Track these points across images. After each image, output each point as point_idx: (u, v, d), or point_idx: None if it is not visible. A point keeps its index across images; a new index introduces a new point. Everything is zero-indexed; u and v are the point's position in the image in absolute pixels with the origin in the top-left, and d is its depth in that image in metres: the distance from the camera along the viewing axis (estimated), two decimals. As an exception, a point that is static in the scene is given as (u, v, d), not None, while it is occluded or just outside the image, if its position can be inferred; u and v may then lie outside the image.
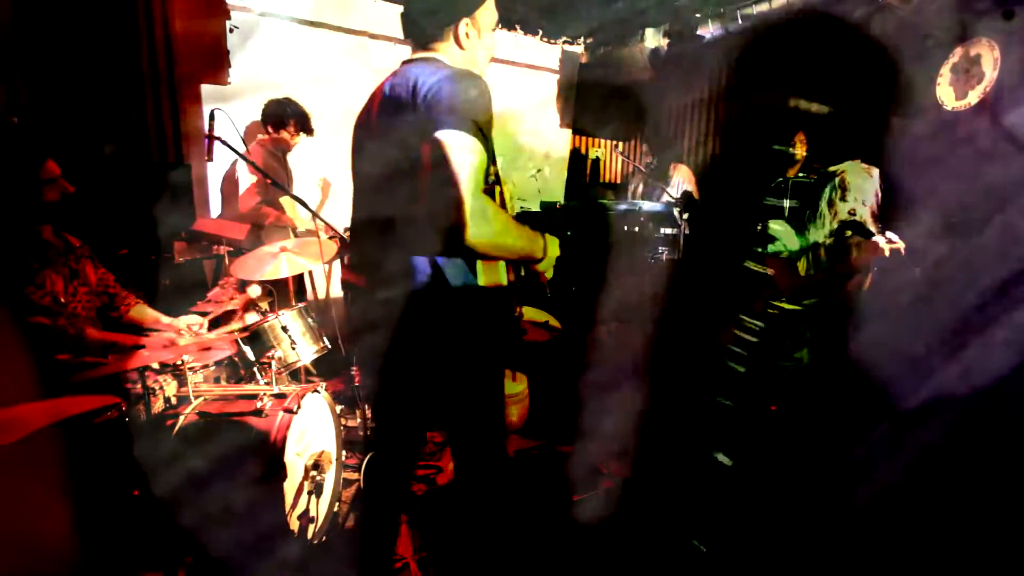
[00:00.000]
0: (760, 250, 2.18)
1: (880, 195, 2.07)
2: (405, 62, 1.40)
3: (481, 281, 1.34)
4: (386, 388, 1.48)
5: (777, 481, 2.22)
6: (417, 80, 1.26)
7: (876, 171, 2.07)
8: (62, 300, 1.90)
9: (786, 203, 3.35)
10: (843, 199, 2.05)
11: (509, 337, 1.48)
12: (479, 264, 1.33)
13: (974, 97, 3.19)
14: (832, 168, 2.12)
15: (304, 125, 3.25)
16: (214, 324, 2.37)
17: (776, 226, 2.16)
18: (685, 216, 3.75)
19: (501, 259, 1.36)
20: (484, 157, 1.20)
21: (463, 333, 1.32)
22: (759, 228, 2.20)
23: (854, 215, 2.04)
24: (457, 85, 1.22)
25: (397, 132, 1.27)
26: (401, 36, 1.45)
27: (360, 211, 1.43)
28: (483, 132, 1.21)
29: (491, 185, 1.44)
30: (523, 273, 1.50)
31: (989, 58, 3.10)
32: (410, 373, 1.39)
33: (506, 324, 1.44)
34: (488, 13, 1.41)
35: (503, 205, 1.44)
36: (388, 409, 1.51)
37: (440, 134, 1.17)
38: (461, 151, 1.16)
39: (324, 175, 3.68)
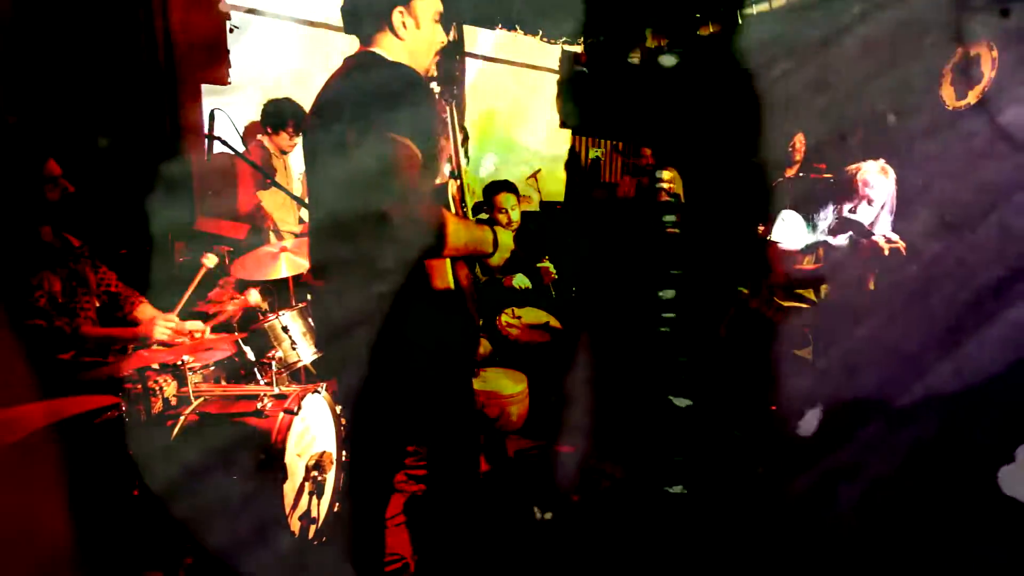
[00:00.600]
0: (768, 238, 2.19)
1: (895, 200, 2.07)
2: (346, 59, 1.38)
3: (434, 284, 1.32)
4: (346, 395, 1.48)
5: (775, 480, 2.22)
6: (349, 78, 1.27)
7: (892, 172, 2.07)
8: (60, 301, 1.89)
9: (786, 202, 3.36)
10: (850, 197, 2.06)
11: (464, 342, 1.44)
12: (428, 265, 1.31)
13: (973, 97, 3.19)
14: (851, 167, 2.11)
15: (303, 125, 3.24)
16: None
17: (788, 218, 2.16)
18: (671, 218, 3.76)
19: (444, 257, 1.32)
20: (411, 152, 1.17)
21: (411, 338, 1.31)
22: (767, 220, 2.21)
23: (854, 212, 2.04)
24: (384, 82, 1.21)
25: (333, 133, 1.26)
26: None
27: (311, 212, 1.43)
28: (415, 127, 1.19)
29: (443, 184, 1.44)
30: (481, 276, 1.49)
31: (987, 58, 3.10)
32: (370, 379, 1.37)
33: (460, 329, 1.41)
34: (426, 2, 1.37)
35: (459, 199, 1.44)
36: (355, 416, 1.50)
37: (367, 134, 1.16)
38: (390, 150, 1.15)
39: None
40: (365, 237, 1.21)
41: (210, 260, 2.27)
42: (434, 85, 1.62)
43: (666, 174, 4.63)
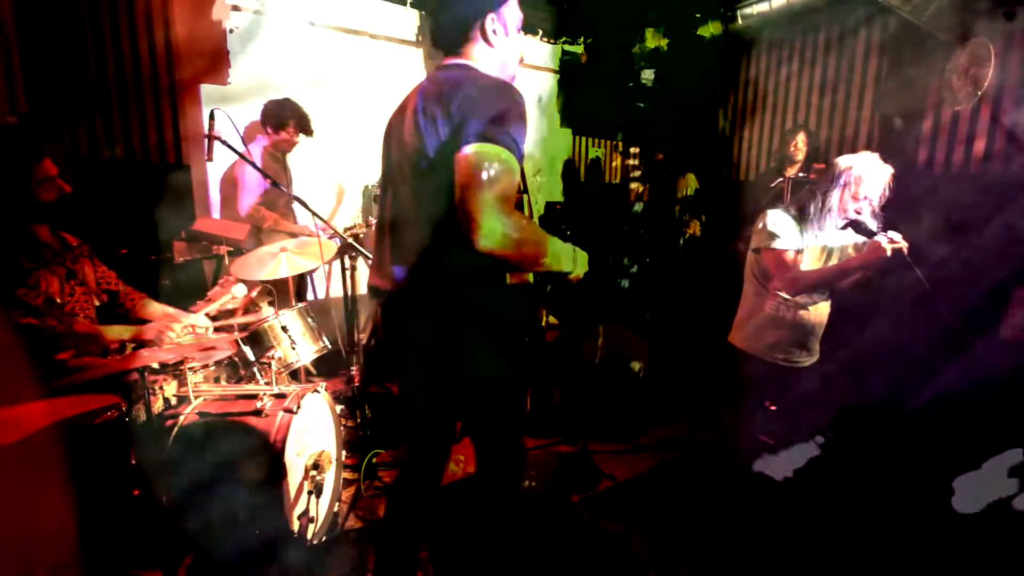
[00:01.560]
0: (759, 246, 2.15)
1: (887, 192, 2.04)
2: (437, 68, 1.40)
3: (509, 279, 1.35)
4: (416, 389, 1.48)
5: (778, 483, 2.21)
6: (448, 89, 1.25)
7: (889, 168, 2.03)
8: (58, 300, 1.89)
9: (786, 202, 3.35)
10: (855, 196, 2.02)
11: (532, 336, 1.49)
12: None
13: (974, 97, 3.19)
14: (845, 161, 2.06)
15: (304, 126, 3.24)
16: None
17: (778, 220, 2.12)
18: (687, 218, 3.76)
19: (528, 271, 1.37)
20: (514, 169, 1.19)
21: (491, 331, 1.34)
22: (760, 225, 2.17)
23: (860, 213, 2.02)
24: (490, 96, 1.21)
25: (429, 141, 1.27)
26: (402, 36, 1.44)
27: (389, 216, 1.43)
28: (516, 142, 1.20)
29: (520, 195, 1.45)
30: (548, 287, 1.51)
31: (990, 59, 3.10)
32: (440, 374, 1.40)
33: (529, 323, 1.45)
34: (513, 9, 1.39)
35: (531, 214, 1.45)
36: (420, 409, 1.51)
37: (475, 146, 1.16)
38: (490, 163, 1.15)
39: (340, 181, 3.68)
40: (454, 245, 1.20)
41: (239, 290, 2.29)
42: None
43: (686, 178, 4.64)
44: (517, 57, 1.44)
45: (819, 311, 2.17)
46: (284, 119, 3.17)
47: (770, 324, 2.18)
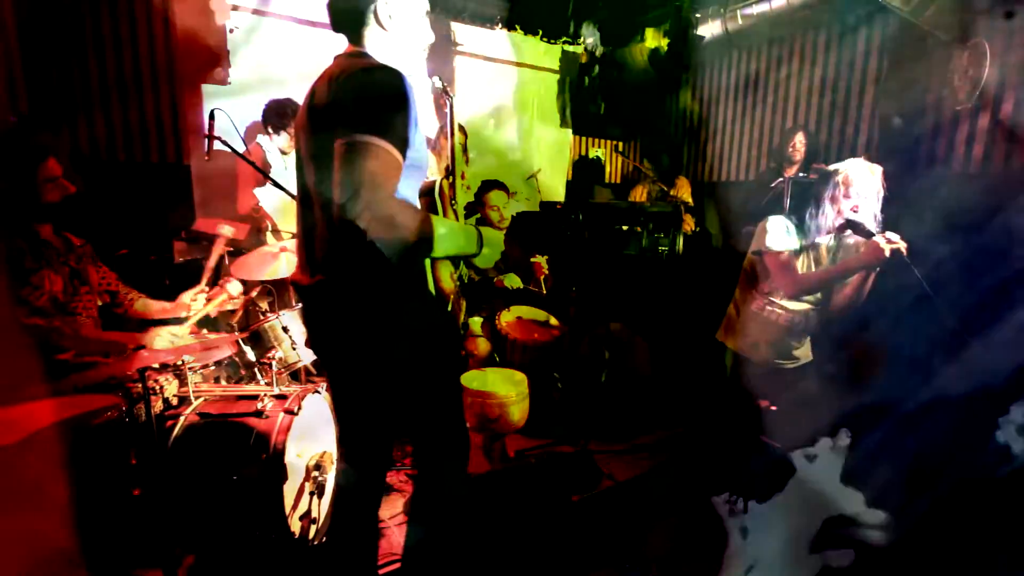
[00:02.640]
0: (760, 249, 2.16)
1: (882, 194, 2.05)
2: (336, 57, 1.38)
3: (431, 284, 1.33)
4: (335, 389, 1.48)
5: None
6: (333, 77, 1.25)
7: (879, 169, 2.05)
8: (62, 300, 1.89)
9: (786, 202, 3.35)
10: (846, 196, 2.04)
11: (446, 343, 1.44)
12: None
13: (974, 97, 3.19)
14: (834, 166, 2.10)
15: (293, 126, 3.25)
16: (214, 325, 2.37)
17: (776, 223, 2.14)
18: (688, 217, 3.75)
19: (419, 255, 1.30)
20: (392, 158, 1.17)
21: (389, 322, 1.30)
22: (762, 228, 2.18)
23: (857, 212, 2.03)
24: (363, 83, 1.20)
25: (317, 132, 1.26)
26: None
27: (300, 211, 1.42)
28: (395, 129, 1.18)
29: (431, 182, 1.44)
30: (464, 277, 1.47)
31: (989, 58, 3.10)
32: (357, 378, 1.38)
33: (442, 330, 1.40)
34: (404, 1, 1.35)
35: (450, 196, 1.43)
36: (344, 413, 1.50)
37: (349, 137, 1.15)
38: (362, 155, 1.14)
39: None
40: (343, 238, 1.20)
41: (234, 287, 2.29)
42: (435, 82, 1.61)
43: (677, 181, 4.65)
44: (419, 43, 1.40)
45: (806, 314, 2.19)
46: (285, 119, 3.17)
47: (755, 324, 2.21)
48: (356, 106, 1.18)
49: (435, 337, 1.38)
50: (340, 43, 1.41)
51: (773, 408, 2.26)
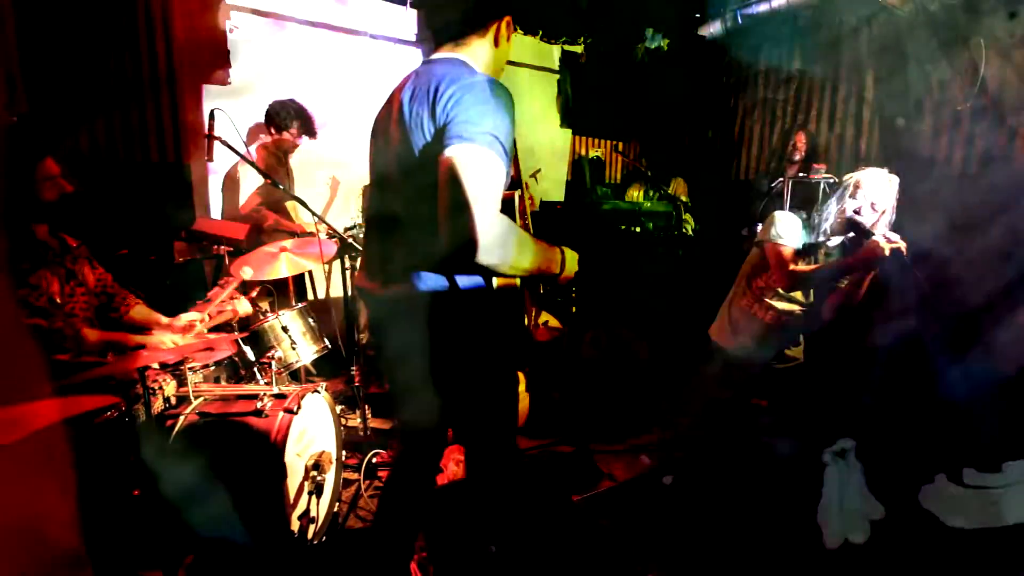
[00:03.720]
0: (763, 239, 2.17)
1: (895, 204, 2.06)
2: (427, 62, 1.35)
3: (495, 283, 1.33)
4: (405, 391, 1.48)
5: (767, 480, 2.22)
6: (439, 85, 1.20)
7: (896, 180, 2.06)
8: (59, 301, 1.89)
9: (785, 202, 3.35)
10: (852, 197, 2.04)
11: (518, 338, 1.47)
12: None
13: (975, 97, 3.19)
14: (853, 175, 2.10)
15: (307, 128, 3.25)
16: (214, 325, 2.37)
17: (784, 217, 2.15)
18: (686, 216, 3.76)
19: (515, 277, 1.33)
20: (503, 172, 1.16)
21: (477, 335, 1.31)
22: (769, 221, 2.19)
23: (859, 214, 2.03)
24: (480, 95, 1.17)
25: (415, 139, 1.23)
26: (402, 36, 1.43)
27: (375, 216, 1.40)
28: (503, 144, 1.16)
29: (510, 192, 1.44)
30: (541, 289, 1.50)
31: (987, 58, 3.10)
32: (427, 376, 1.38)
33: (515, 326, 1.44)
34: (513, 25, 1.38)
35: (523, 211, 1.44)
36: (409, 411, 1.51)
37: (456, 148, 1.12)
38: (477, 167, 1.11)
39: (333, 174, 3.68)
40: (440, 248, 1.17)
41: (241, 307, 2.30)
42: None
43: (674, 181, 4.66)
44: (503, 66, 1.42)
45: (793, 314, 2.19)
46: (287, 120, 3.17)
47: (743, 320, 2.21)
48: (477, 116, 1.14)
49: (513, 347, 1.43)
50: (341, 43, 1.40)
51: (765, 406, 2.26)
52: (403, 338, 1.36)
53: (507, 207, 1.43)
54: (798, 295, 2.20)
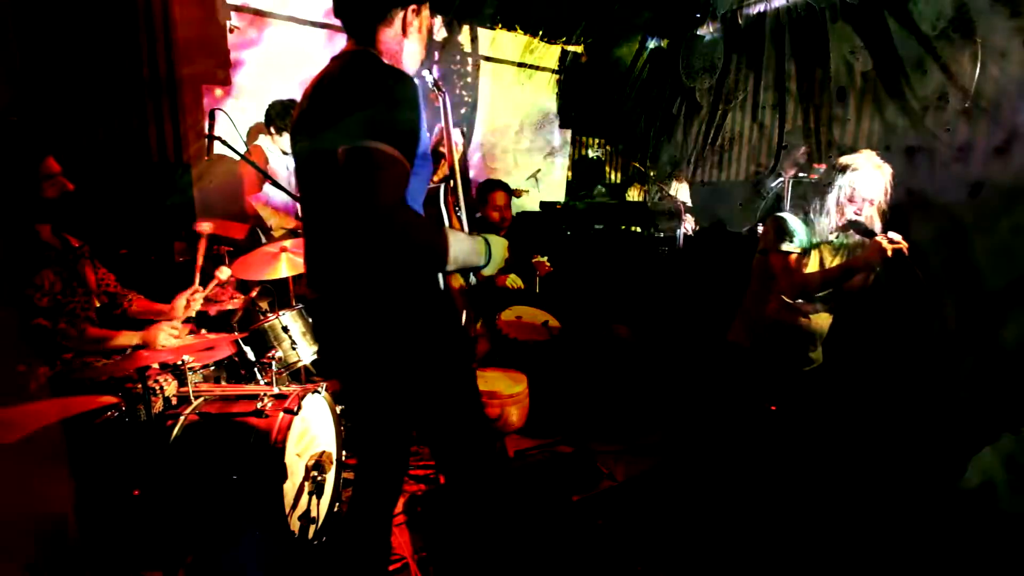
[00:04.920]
0: (766, 248, 2.15)
1: (890, 192, 2.02)
2: (334, 57, 1.32)
3: (441, 284, 1.32)
4: (347, 396, 1.48)
5: (779, 482, 2.21)
6: (335, 81, 1.21)
7: (888, 169, 2.02)
8: (61, 301, 1.89)
9: (785, 202, 3.35)
10: (851, 199, 2.01)
11: (457, 342, 1.41)
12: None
13: (968, 99, 3.19)
14: (845, 159, 2.04)
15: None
16: (213, 325, 2.37)
17: (785, 223, 2.11)
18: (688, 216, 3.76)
19: (431, 267, 1.29)
20: (397, 166, 1.13)
21: (397, 337, 1.28)
22: (768, 227, 2.16)
23: (860, 215, 2.01)
24: (373, 89, 1.16)
25: (318, 138, 1.21)
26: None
27: (304, 220, 1.38)
28: (398, 138, 1.14)
29: (437, 185, 1.42)
30: (472, 281, 1.45)
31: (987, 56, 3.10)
32: (359, 380, 1.38)
33: (451, 329, 1.39)
34: (427, 12, 1.34)
35: (456, 205, 1.42)
36: (360, 420, 1.50)
37: (348, 146, 1.11)
38: (366, 163, 1.10)
39: None
40: (350, 247, 1.18)
41: (223, 273, 2.29)
42: (426, 77, 1.58)
43: (675, 181, 4.65)
44: (420, 57, 1.38)
45: (819, 318, 2.16)
46: (288, 121, 3.17)
47: (771, 327, 2.18)
48: (366, 110, 1.13)
49: (449, 344, 1.36)
50: (339, 43, 1.40)
51: (774, 410, 2.25)
52: (332, 343, 1.36)
53: (433, 200, 1.40)
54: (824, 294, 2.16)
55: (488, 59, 4.70)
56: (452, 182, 1.39)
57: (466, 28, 4.51)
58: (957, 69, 3.24)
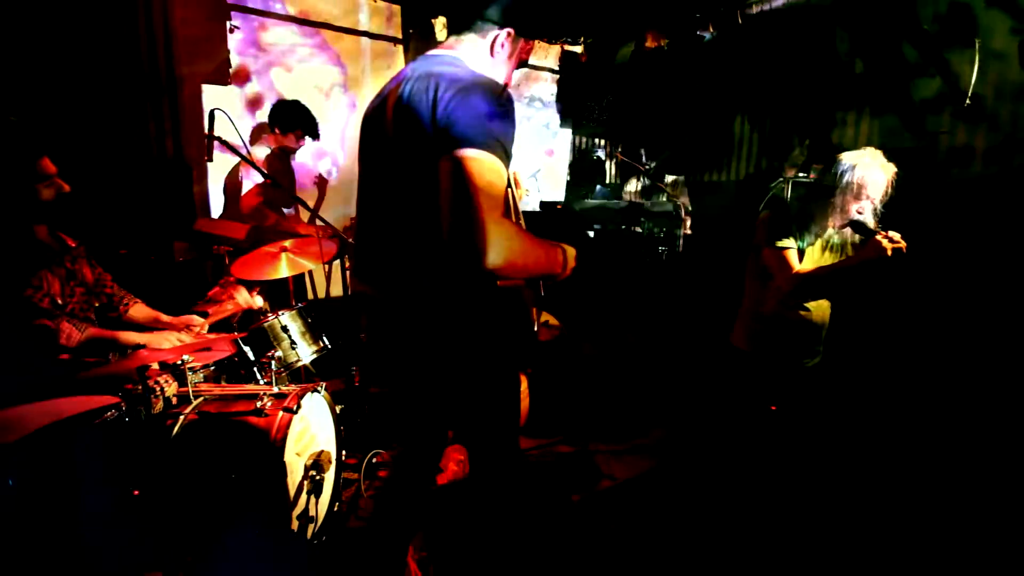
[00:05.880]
0: (760, 244, 2.14)
1: (890, 192, 2.01)
2: (424, 57, 1.31)
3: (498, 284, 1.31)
4: (407, 393, 1.47)
5: (779, 481, 2.21)
6: (439, 86, 1.16)
7: (892, 167, 2.01)
8: (60, 301, 1.89)
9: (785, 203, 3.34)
10: (856, 197, 2.00)
11: (524, 338, 1.43)
12: None
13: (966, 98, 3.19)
14: (850, 159, 2.02)
15: (311, 130, 3.25)
16: (213, 325, 2.37)
17: (780, 220, 2.11)
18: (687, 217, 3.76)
19: (521, 280, 1.31)
20: (504, 176, 1.13)
21: (481, 339, 1.29)
22: (763, 224, 2.16)
23: (862, 214, 2.00)
24: (481, 98, 1.13)
25: (413, 142, 1.18)
26: (395, 35, 1.42)
27: (368, 218, 1.36)
28: (505, 149, 1.14)
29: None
30: (541, 285, 1.47)
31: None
32: (430, 379, 1.37)
33: (520, 327, 1.40)
34: (526, 44, 1.34)
35: (516, 209, 1.41)
36: (410, 413, 1.51)
37: (460, 151, 1.09)
38: (481, 172, 1.08)
39: (321, 172, 3.68)
40: (440, 253, 1.16)
41: (241, 296, 2.30)
42: None
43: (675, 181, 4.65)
44: (510, 73, 1.38)
45: (822, 313, 2.16)
46: (292, 122, 3.17)
47: (772, 325, 2.17)
48: (480, 119, 1.11)
49: (520, 350, 1.39)
50: (338, 42, 1.39)
51: (775, 410, 2.24)
52: (405, 341, 1.33)
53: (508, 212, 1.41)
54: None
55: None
56: (510, 188, 1.39)
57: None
58: (956, 71, 3.24)
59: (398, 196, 1.26)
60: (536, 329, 1.47)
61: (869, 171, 1.98)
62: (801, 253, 2.09)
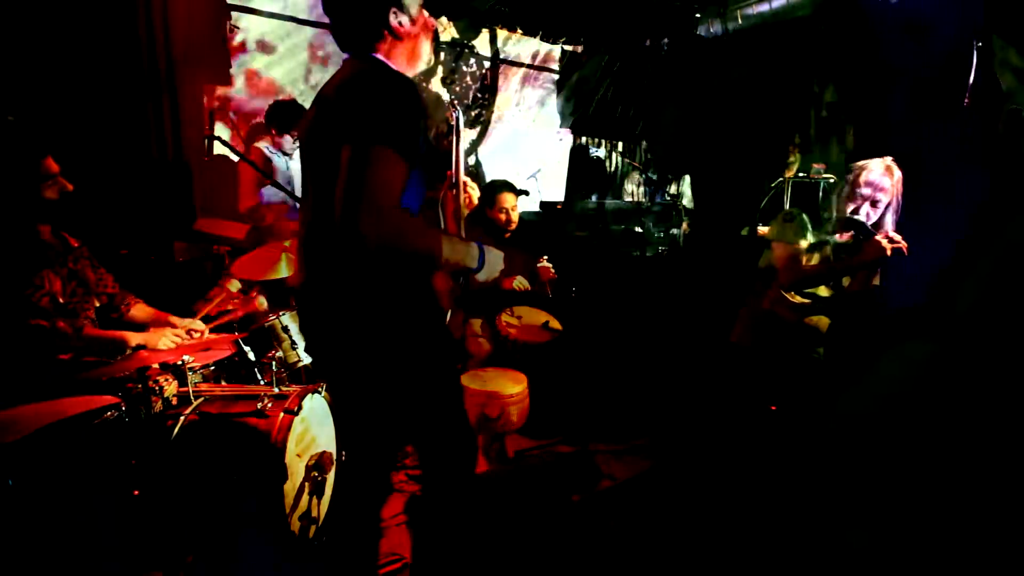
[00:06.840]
0: (771, 238, 2.16)
1: (900, 198, 2.04)
2: (346, 62, 1.37)
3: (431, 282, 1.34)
4: (336, 394, 1.50)
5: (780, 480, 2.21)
6: (344, 83, 1.26)
7: (899, 172, 2.04)
8: (61, 301, 1.89)
9: (785, 202, 3.35)
10: (857, 199, 2.03)
11: (438, 340, 1.41)
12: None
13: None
14: (855, 164, 2.07)
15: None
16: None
17: (792, 217, 2.13)
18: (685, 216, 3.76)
19: (425, 269, 1.33)
20: (400, 166, 1.17)
21: (380, 327, 1.30)
22: (776, 220, 2.18)
23: (857, 213, 2.02)
24: (377, 89, 1.21)
25: (324, 138, 1.25)
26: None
27: (301, 215, 1.43)
28: (400, 140, 1.17)
29: (439, 190, 1.44)
30: (461, 281, 1.46)
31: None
32: (353, 378, 1.39)
33: (428, 314, 1.38)
34: (415, 9, 1.35)
35: (453, 211, 1.44)
36: (343, 418, 1.53)
37: (354, 141, 1.16)
38: (372, 160, 1.14)
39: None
40: (342, 244, 1.19)
41: (233, 286, 2.29)
42: (444, 93, 1.62)
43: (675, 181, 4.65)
44: (427, 42, 1.40)
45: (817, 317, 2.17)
46: (290, 121, 3.17)
47: (768, 322, 2.19)
48: (368, 113, 1.18)
49: (432, 342, 1.37)
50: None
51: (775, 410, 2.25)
52: (317, 335, 1.38)
53: (431, 203, 1.43)
54: (819, 290, 2.16)
55: (488, 59, 4.70)
56: (455, 190, 1.41)
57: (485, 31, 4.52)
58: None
59: (310, 188, 1.33)
60: (448, 321, 1.44)
61: (870, 175, 2.01)
62: (810, 251, 2.11)
